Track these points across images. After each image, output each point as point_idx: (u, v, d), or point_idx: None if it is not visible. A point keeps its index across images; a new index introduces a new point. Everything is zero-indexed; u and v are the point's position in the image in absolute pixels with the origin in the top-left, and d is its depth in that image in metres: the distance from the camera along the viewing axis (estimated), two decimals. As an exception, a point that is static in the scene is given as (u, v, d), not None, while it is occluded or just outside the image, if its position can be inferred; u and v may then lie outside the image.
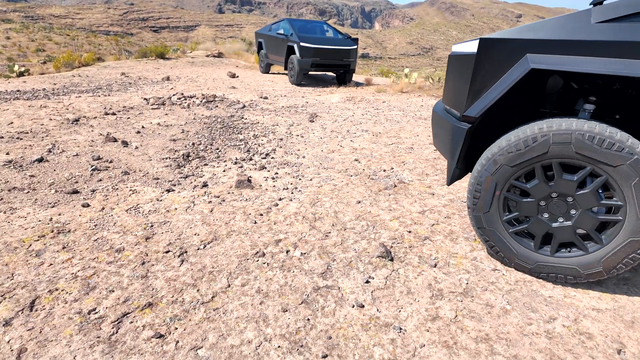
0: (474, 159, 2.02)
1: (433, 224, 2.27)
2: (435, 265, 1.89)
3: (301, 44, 8.33)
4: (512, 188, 1.82)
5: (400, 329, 1.51)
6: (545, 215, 1.78)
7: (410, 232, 2.17)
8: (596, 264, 1.69)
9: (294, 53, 8.57)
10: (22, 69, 10.43)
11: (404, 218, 2.34)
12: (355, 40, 9.10)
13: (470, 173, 2.05)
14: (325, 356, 1.38)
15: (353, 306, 1.62)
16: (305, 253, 1.95)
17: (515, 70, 1.75)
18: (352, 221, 2.27)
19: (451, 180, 2.07)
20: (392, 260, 1.92)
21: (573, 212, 1.72)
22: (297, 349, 1.40)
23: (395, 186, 2.83)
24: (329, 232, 2.15)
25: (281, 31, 9.33)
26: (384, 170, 3.20)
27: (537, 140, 1.67)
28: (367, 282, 1.77)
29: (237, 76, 9.74)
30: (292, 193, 2.65)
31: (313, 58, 8.33)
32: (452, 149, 1.99)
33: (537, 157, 1.69)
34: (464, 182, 2.91)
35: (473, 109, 1.87)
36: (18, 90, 6.87)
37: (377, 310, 1.60)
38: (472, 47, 1.90)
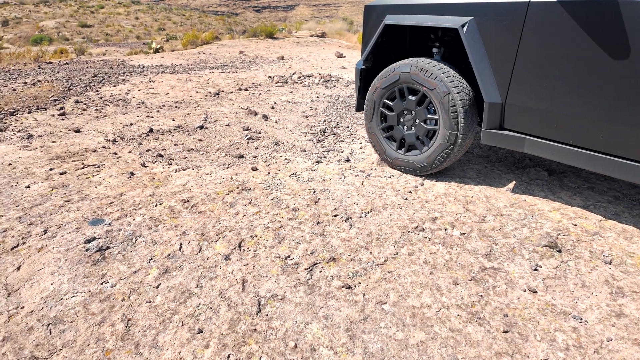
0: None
1: (600, 220, 2.13)
2: (610, 262, 1.80)
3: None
4: (385, 106, 2.60)
5: (581, 319, 1.49)
6: (401, 125, 2.57)
7: (575, 225, 2.07)
8: (424, 161, 2.46)
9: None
10: (158, 46, 11.91)
11: (568, 213, 2.23)
12: None
13: None
14: (506, 331, 1.43)
15: (525, 290, 1.63)
16: (464, 234, 2.00)
17: (380, 26, 2.54)
18: (507, 207, 2.24)
19: (357, 108, 2.94)
20: (559, 251, 1.87)
21: (416, 122, 2.47)
22: (477, 320, 1.48)
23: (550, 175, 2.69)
24: (485, 216, 2.15)
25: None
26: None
27: (393, 72, 2.44)
28: (536, 269, 1.75)
29: (344, 56, 9.88)
30: (436, 175, 2.68)
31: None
32: (356, 85, 2.85)
33: (394, 82, 2.46)
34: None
35: (363, 55, 2.74)
36: (161, 65, 7.90)
37: (552, 297, 1.60)
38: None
